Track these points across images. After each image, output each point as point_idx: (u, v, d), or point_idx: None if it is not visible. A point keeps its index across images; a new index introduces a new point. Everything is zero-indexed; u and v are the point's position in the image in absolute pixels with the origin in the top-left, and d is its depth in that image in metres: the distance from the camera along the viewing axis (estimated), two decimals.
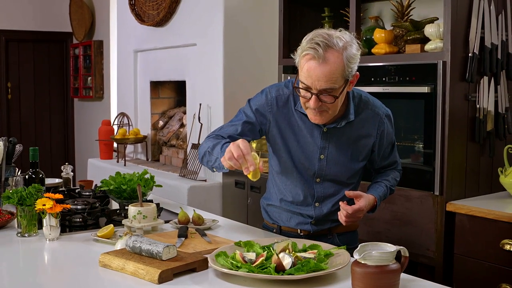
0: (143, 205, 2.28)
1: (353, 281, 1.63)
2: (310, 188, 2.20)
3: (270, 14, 4.30)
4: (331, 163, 2.16)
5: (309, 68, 1.94)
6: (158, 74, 5.28)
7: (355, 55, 1.97)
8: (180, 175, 4.59)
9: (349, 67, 1.96)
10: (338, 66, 1.93)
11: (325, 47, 1.91)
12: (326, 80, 1.93)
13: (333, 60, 1.92)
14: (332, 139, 2.14)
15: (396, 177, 2.33)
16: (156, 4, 5.01)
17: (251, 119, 2.17)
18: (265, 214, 2.37)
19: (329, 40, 1.93)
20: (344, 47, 1.94)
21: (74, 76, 7.40)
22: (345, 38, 1.97)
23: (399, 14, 3.37)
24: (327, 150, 2.15)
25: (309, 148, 2.16)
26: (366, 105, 2.18)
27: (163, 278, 1.72)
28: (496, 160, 3.04)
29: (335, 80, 1.94)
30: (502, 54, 2.97)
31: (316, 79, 1.93)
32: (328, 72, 1.92)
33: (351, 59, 1.96)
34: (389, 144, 2.26)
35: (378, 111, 2.19)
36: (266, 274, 1.68)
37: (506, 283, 2.59)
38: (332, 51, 1.92)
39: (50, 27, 7.46)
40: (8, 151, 2.65)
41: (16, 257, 2.10)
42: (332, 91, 1.95)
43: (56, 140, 7.69)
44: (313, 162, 2.16)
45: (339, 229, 2.25)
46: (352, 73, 1.99)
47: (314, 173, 2.18)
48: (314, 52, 1.91)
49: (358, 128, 2.15)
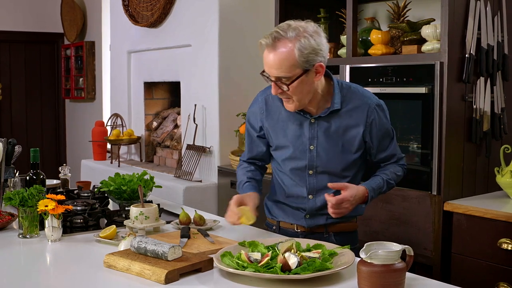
0: (145, 206, 2.29)
1: (359, 280, 1.64)
2: (304, 180, 2.23)
3: (265, 15, 4.31)
4: (322, 153, 2.19)
5: (264, 56, 2.05)
6: (152, 75, 5.27)
7: (310, 45, 2.01)
8: (175, 176, 4.59)
9: (302, 57, 2.00)
10: (287, 55, 1.99)
11: (277, 36, 2.00)
12: (277, 68, 2.02)
13: (282, 49, 2.00)
14: (321, 129, 2.18)
15: (397, 171, 2.29)
16: (150, 5, 5.00)
17: (253, 136, 2.34)
18: (266, 210, 2.40)
19: (284, 30, 2.01)
20: (297, 37, 2.00)
21: (65, 77, 7.37)
22: (303, 28, 2.03)
23: (395, 15, 3.40)
24: (316, 140, 2.18)
25: (299, 139, 2.20)
26: (354, 94, 2.19)
27: (169, 279, 1.73)
28: (492, 160, 3.07)
29: (286, 69, 2.01)
30: (498, 55, 3.00)
31: (269, 67, 2.04)
32: (278, 61, 2.00)
33: (304, 49, 2.00)
34: (384, 136, 2.23)
35: (367, 101, 2.19)
36: (273, 274, 1.69)
37: (503, 282, 2.61)
38: (283, 41, 2.00)
39: (42, 28, 7.43)
40: (7, 152, 2.64)
41: (18, 258, 2.10)
42: (286, 80, 2.03)
43: (48, 141, 7.66)
44: (304, 153, 2.20)
45: (335, 227, 2.26)
46: (310, 63, 2.03)
47: (306, 164, 2.21)
48: (265, 41, 2.02)
49: (346, 118, 2.17)
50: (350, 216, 2.26)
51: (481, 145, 3.03)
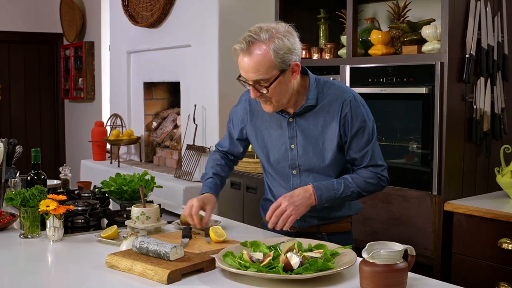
0: (146, 206, 2.29)
1: (362, 280, 1.64)
2: (288, 180, 2.23)
3: (265, 15, 4.30)
4: (302, 152, 2.18)
5: (239, 61, 2.05)
6: (151, 75, 5.27)
7: (283, 45, 2.01)
8: (175, 176, 4.59)
9: (278, 58, 2.00)
10: (263, 57, 1.99)
11: (250, 40, 2.00)
12: (254, 72, 2.01)
13: (257, 52, 1.99)
14: (300, 128, 2.17)
15: (368, 178, 2.13)
16: (150, 5, 5.00)
17: (233, 136, 2.38)
18: (261, 210, 2.40)
19: (256, 33, 2.01)
20: (271, 39, 2.00)
21: (64, 77, 7.37)
22: (276, 29, 2.03)
23: (395, 15, 3.40)
24: (296, 139, 2.18)
25: (280, 139, 2.21)
26: (330, 89, 2.16)
27: (171, 279, 1.73)
28: (493, 160, 3.08)
29: (263, 71, 2.00)
30: (498, 55, 3.00)
31: (246, 72, 2.04)
32: (254, 64, 2.00)
33: (279, 50, 1.99)
34: (357, 133, 2.12)
35: (342, 94, 2.14)
36: (275, 274, 1.69)
37: (504, 282, 2.62)
38: (257, 44, 2.00)
39: (41, 28, 7.42)
40: (8, 153, 2.64)
41: (20, 258, 2.09)
42: (264, 82, 2.03)
43: (47, 141, 7.65)
44: (286, 153, 2.20)
45: (328, 228, 2.25)
46: (285, 62, 2.02)
47: (289, 164, 2.21)
48: (239, 47, 2.03)
49: (323, 114, 2.15)
50: (342, 216, 2.26)
51: (481, 145, 3.04)
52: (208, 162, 2.43)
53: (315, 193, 2.08)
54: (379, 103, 3.16)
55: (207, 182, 2.33)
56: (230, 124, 2.40)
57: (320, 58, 3.61)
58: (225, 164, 2.42)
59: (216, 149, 2.49)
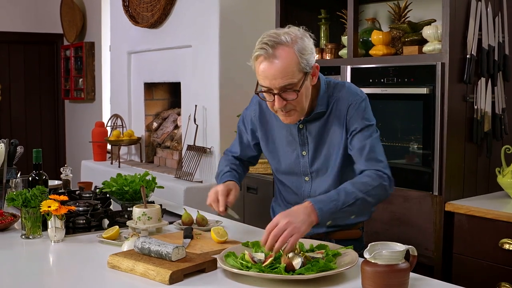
0: (148, 206, 2.29)
1: (363, 280, 1.64)
2: (300, 187, 2.19)
3: (266, 15, 4.31)
4: (314, 158, 2.13)
5: (264, 69, 1.94)
6: (152, 76, 5.27)
7: (306, 46, 1.97)
8: (176, 177, 4.59)
9: (303, 59, 1.95)
10: (291, 60, 1.92)
11: (273, 45, 1.92)
12: (282, 77, 1.92)
13: (284, 55, 1.92)
14: (311, 134, 2.12)
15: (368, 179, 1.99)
16: (150, 5, 5.00)
17: (243, 136, 2.31)
18: (271, 213, 2.38)
19: (277, 38, 1.94)
20: (294, 41, 1.94)
21: (65, 77, 7.37)
22: (293, 32, 1.98)
23: (396, 16, 3.40)
24: (307, 146, 2.14)
25: (291, 146, 2.17)
26: (340, 92, 2.10)
27: (173, 279, 1.73)
28: (493, 161, 3.08)
29: (291, 75, 1.93)
30: (499, 56, 3.00)
31: (272, 78, 1.93)
32: (282, 68, 1.92)
33: (303, 51, 1.95)
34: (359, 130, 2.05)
35: (348, 97, 2.08)
36: (277, 274, 1.70)
37: (505, 282, 2.62)
38: (281, 47, 1.93)
39: (41, 28, 7.42)
40: (9, 153, 2.64)
41: (22, 259, 2.10)
42: (292, 86, 1.95)
43: (48, 142, 7.65)
44: (297, 160, 2.16)
45: (337, 235, 2.18)
46: (309, 64, 1.97)
47: (301, 171, 2.17)
48: (264, 52, 1.93)
49: (332, 118, 2.10)
50: (351, 223, 2.18)
51: (482, 146, 3.04)
52: (222, 163, 2.34)
53: (315, 206, 1.86)
54: (380, 104, 3.16)
55: (225, 175, 2.24)
56: (242, 126, 2.32)
57: (321, 59, 3.62)
58: (240, 164, 2.35)
59: (226, 153, 2.40)
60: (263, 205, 3.65)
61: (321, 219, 1.86)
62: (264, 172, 3.98)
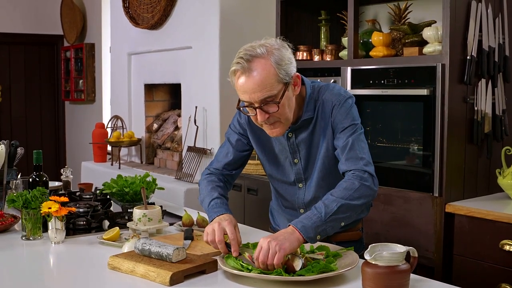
0: (148, 208, 2.29)
1: (364, 281, 1.65)
2: (294, 194, 2.19)
3: (266, 16, 4.31)
4: (307, 165, 2.12)
5: (242, 84, 1.92)
6: (152, 77, 5.28)
7: (284, 56, 1.92)
8: (176, 178, 4.60)
9: (281, 70, 1.91)
10: (268, 72, 1.89)
11: (249, 58, 1.89)
12: (261, 89, 1.89)
13: (260, 67, 1.89)
14: (301, 141, 2.10)
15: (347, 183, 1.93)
16: (150, 7, 5.01)
17: (235, 137, 2.22)
18: (270, 217, 2.39)
19: (252, 51, 1.91)
20: (270, 52, 1.91)
21: (65, 79, 7.37)
22: (269, 44, 1.94)
23: (396, 17, 3.40)
24: (298, 154, 2.12)
25: (283, 154, 2.15)
26: (324, 95, 2.07)
27: (174, 280, 1.73)
28: (494, 162, 3.08)
29: (270, 87, 1.89)
30: (499, 57, 3.01)
31: (251, 92, 1.90)
32: (260, 80, 1.88)
33: (280, 62, 1.91)
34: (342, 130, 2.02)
35: (331, 98, 2.05)
36: (277, 276, 1.70)
37: (505, 283, 2.62)
38: (257, 60, 1.89)
39: (41, 29, 7.43)
40: (10, 154, 2.64)
41: (22, 260, 2.10)
42: (272, 99, 1.91)
43: (48, 143, 7.66)
44: (290, 168, 2.15)
45: (337, 236, 2.16)
46: (288, 75, 1.93)
47: (294, 179, 2.16)
48: (240, 67, 1.90)
49: (320, 121, 2.07)
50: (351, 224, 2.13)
51: (482, 147, 3.04)
52: (205, 187, 2.20)
53: (296, 226, 1.83)
54: (380, 105, 3.16)
55: (215, 203, 2.11)
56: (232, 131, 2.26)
57: (321, 60, 3.62)
58: (223, 186, 2.23)
59: (206, 173, 2.27)
60: (263, 206, 3.65)
61: (306, 234, 1.82)
62: (264, 173, 3.97)
